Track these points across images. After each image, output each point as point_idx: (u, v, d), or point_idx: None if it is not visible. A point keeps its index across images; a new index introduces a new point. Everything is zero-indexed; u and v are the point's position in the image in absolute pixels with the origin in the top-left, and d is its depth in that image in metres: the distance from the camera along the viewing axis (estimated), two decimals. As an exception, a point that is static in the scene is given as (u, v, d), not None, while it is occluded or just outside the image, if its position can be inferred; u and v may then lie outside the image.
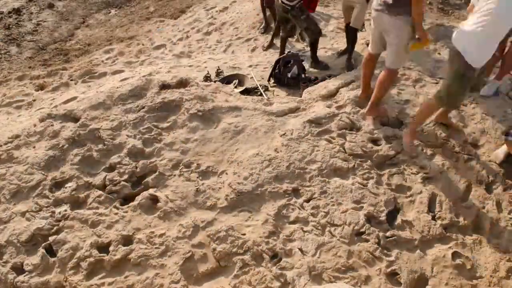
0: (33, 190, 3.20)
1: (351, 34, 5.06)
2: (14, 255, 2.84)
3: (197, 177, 3.29)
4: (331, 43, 6.08)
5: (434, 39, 5.00)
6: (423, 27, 3.31)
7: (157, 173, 3.32)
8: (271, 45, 6.26)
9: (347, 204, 3.10)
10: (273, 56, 5.87)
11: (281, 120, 3.80)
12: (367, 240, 2.90)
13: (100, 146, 3.50)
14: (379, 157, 3.46)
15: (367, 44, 5.75)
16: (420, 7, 3.13)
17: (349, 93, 4.03)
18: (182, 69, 5.50)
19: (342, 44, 5.73)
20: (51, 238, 2.90)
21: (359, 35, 5.32)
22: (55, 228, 2.96)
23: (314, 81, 4.86)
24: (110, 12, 7.83)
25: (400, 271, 2.77)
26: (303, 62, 5.13)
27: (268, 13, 6.86)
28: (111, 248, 2.85)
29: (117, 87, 4.10)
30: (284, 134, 3.59)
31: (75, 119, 3.75)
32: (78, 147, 3.49)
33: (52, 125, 3.67)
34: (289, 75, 4.90)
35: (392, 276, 2.76)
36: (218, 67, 5.35)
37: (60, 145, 3.48)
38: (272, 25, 6.80)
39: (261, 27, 6.85)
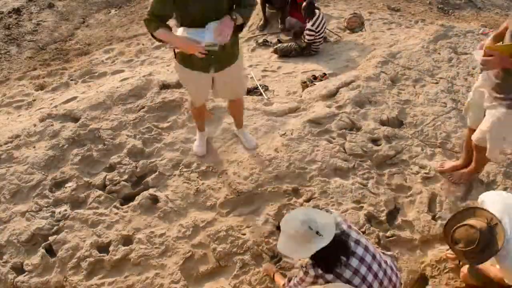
0: (33, 190, 3.20)
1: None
2: (14, 255, 2.84)
3: (197, 177, 3.29)
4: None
5: (434, 39, 5.01)
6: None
7: (157, 173, 3.32)
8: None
9: (347, 204, 3.10)
10: (272, 56, 5.87)
11: (281, 120, 3.80)
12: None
13: (100, 146, 3.50)
14: (379, 157, 3.46)
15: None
16: None
17: (349, 93, 4.03)
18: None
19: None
20: (51, 238, 2.90)
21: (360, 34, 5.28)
22: (55, 228, 2.96)
23: (315, 79, 4.86)
24: (110, 12, 7.82)
25: (400, 271, 2.77)
26: None
27: (269, 12, 6.85)
28: (111, 248, 2.85)
29: (117, 87, 4.10)
30: (284, 134, 3.59)
31: (75, 119, 3.75)
32: (78, 147, 3.49)
33: (52, 125, 3.67)
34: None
35: (392, 276, 2.76)
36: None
37: (60, 145, 3.48)
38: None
39: (259, 25, 6.84)
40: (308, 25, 5.59)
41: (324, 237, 2.04)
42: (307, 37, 5.66)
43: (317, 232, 2.04)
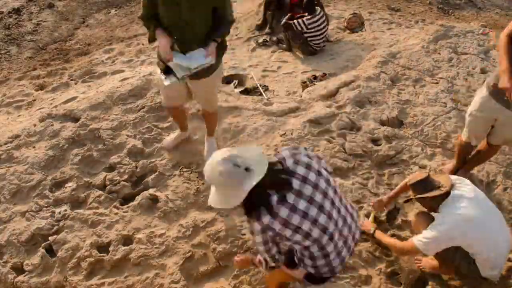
0: (33, 190, 3.20)
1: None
2: (14, 255, 2.84)
3: (197, 177, 3.29)
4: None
5: (434, 39, 5.00)
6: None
7: (157, 173, 3.32)
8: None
9: (347, 204, 3.09)
10: (272, 56, 5.88)
11: (281, 120, 3.80)
12: (367, 240, 2.90)
13: (100, 146, 3.50)
14: (379, 157, 3.46)
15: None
16: None
17: (349, 93, 4.03)
18: (182, 69, 5.47)
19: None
20: (51, 238, 2.90)
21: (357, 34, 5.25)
22: (55, 228, 2.96)
23: (315, 79, 4.86)
24: (110, 12, 7.82)
25: (400, 271, 2.77)
26: None
27: (268, 13, 6.84)
28: (111, 248, 2.85)
29: (117, 87, 4.10)
30: (284, 134, 3.59)
31: (75, 119, 3.75)
32: (78, 147, 3.49)
33: (52, 125, 3.67)
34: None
35: (392, 276, 2.76)
36: (218, 67, 5.33)
37: (60, 145, 3.48)
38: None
39: (257, 25, 6.82)
40: (304, 19, 5.54)
41: (255, 170, 1.70)
42: (294, 27, 5.59)
43: (246, 169, 1.69)
